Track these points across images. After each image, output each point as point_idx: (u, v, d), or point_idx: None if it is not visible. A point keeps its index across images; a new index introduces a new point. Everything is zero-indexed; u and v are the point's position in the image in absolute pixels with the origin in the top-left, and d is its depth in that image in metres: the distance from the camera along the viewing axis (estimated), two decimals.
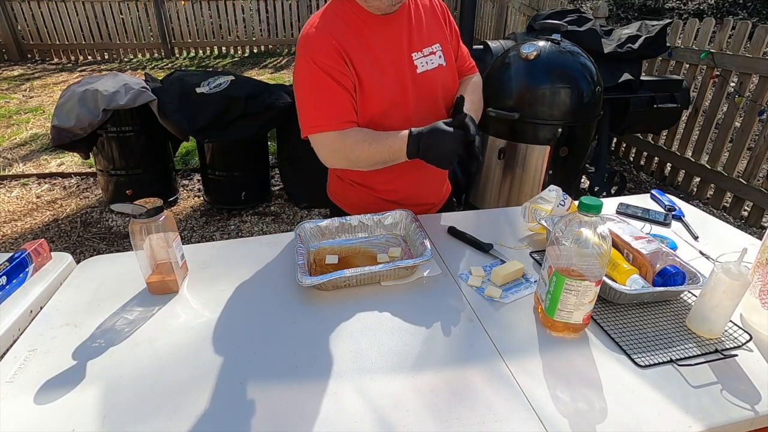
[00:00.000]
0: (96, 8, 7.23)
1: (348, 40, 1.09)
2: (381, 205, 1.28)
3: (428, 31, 1.19)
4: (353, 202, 1.33)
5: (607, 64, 2.84)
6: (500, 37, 4.45)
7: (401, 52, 1.15)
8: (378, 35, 1.12)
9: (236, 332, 0.88)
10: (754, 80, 2.95)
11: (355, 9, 1.11)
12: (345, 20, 1.11)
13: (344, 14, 1.11)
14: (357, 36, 1.10)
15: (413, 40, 1.16)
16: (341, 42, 1.08)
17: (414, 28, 1.17)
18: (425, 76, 1.18)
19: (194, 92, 2.76)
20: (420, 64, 1.17)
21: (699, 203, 3.31)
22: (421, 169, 1.26)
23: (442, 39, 1.21)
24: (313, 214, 3.19)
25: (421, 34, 1.18)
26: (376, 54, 1.12)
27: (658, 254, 0.99)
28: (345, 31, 1.10)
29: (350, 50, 1.09)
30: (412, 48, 1.16)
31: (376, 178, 1.25)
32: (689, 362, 0.81)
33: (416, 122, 1.16)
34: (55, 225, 3.06)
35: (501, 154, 2.42)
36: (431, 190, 1.38)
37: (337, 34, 1.09)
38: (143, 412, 0.72)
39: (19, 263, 0.98)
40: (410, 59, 1.16)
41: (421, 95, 1.18)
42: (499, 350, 0.84)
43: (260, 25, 7.89)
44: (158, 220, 0.92)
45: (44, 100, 5.60)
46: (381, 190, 1.29)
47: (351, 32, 1.10)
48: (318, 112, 1.10)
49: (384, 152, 1.11)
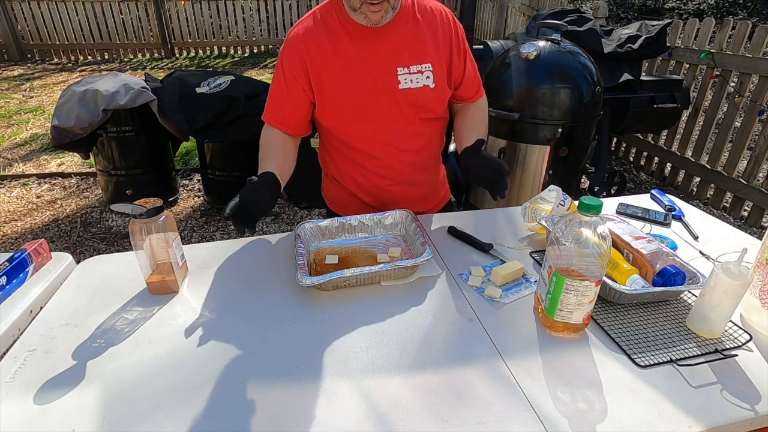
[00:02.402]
0: (96, 8, 7.23)
1: (322, 48, 1.13)
2: (366, 209, 1.28)
3: (422, 50, 1.17)
4: (344, 204, 1.37)
5: (607, 64, 2.84)
6: (500, 37, 4.45)
7: (383, 64, 1.15)
8: (359, 46, 1.14)
9: (236, 332, 0.88)
10: (754, 80, 2.95)
11: (343, 18, 1.13)
12: (328, 27, 1.14)
13: (329, 20, 1.14)
14: (336, 44, 1.13)
15: (403, 55, 1.15)
16: (311, 52, 1.13)
17: (407, 44, 1.16)
18: (406, 93, 1.17)
19: (194, 92, 2.76)
20: (403, 80, 1.16)
21: (699, 203, 3.31)
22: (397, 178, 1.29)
23: (436, 61, 1.17)
24: (313, 214, 3.18)
25: (413, 50, 1.16)
26: (353, 63, 1.14)
27: (658, 254, 0.99)
28: (323, 39, 1.13)
29: (319, 58, 1.14)
30: (400, 62, 1.15)
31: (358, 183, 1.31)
32: (689, 362, 0.81)
33: (384, 137, 1.21)
34: (55, 225, 3.06)
35: (501, 154, 2.42)
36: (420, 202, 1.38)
37: (311, 43, 1.14)
38: (143, 412, 0.72)
39: (19, 263, 0.98)
40: (394, 73, 1.15)
41: (396, 111, 1.19)
42: (499, 350, 0.84)
43: (260, 25, 7.89)
44: (158, 220, 0.92)
45: (44, 100, 5.60)
46: (364, 200, 1.34)
47: (330, 40, 1.13)
48: (268, 103, 1.23)
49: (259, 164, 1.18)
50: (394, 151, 1.24)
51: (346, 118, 1.20)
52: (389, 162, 1.26)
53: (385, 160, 1.25)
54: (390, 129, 1.21)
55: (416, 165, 1.30)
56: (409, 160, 1.28)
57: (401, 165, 1.27)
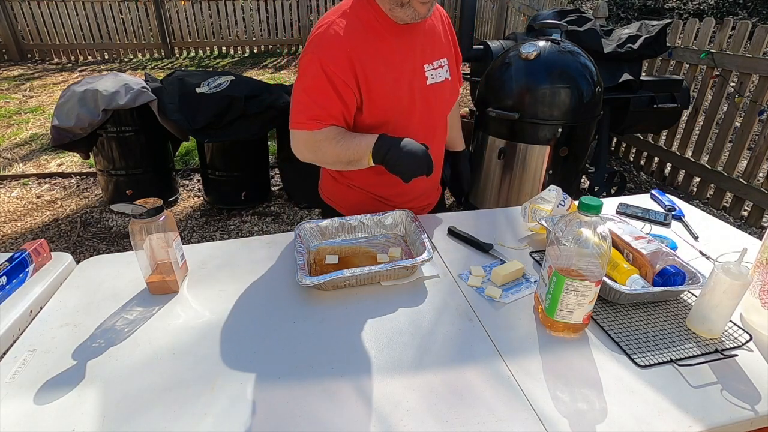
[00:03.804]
0: (96, 8, 7.23)
1: (365, 48, 1.08)
2: (377, 206, 1.29)
3: (438, 45, 1.20)
4: (350, 203, 1.33)
5: (607, 64, 2.84)
6: (500, 37, 4.45)
7: (415, 62, 1.15)
8: (396, 44, 1.12)
9: (236, 332, 0.88)
10: (754, 80, 2.95)
11: (379, 15, 1.09)
12: (366, 25, 1.09)
13: (366, 18, 1.09)
14: (377, 43, 1.09)
15: (426, 52, 1.17)
16: (357, 51, 1.06)
17: (428, 40, 1.17)
18: (433, 88, 1.19)
19: (194, 92, 2.76)
20: (430, 76, 1.18)
21: (699, 203, 3.31)
22: None
23: (448, 53, 1.23)
24: (313, 214, 3.18)
25: (433, 46, 1.19)
26: (393, 62, 1.11)
27: (658, 254, 0.99)
28: (364, 38, 1.08)
29: (366, 59, 1.07)
30: (425, 59, 1.16)
31: (372, 180, 1.26)
32: (689, 362, 0.81)
33: (416, 132, 1.18)
34: (55, 225, 3.06)
35: (501, 154, 2.42)
36: (428, 194, 1.40)
37: (355, 41, 1.07)
38: (143, 412, 0.72)
39: (19, 263, 0.98)
40: (422, 70, 1.16)
41: (426, 107, 1.19)
42: (499, 350, 0.84)
43: (260, 25, 7.89)
44: (158, 220, 0.92)
45: (44, 100, 5.60)
46: (378, 193, 1.30)
47: (371, 39, 1.09)
48: (310, 112, 1.09)
49: (349, 152, 1.10)
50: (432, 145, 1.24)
51: (390, 118, 1.15)
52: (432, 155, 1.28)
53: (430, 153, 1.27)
54: (420, 128, 1.20)
55: (440, 158, 1.37)
56: (439, 154, 1.33)
57: (437, 159, 1.32)
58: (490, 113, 2.34)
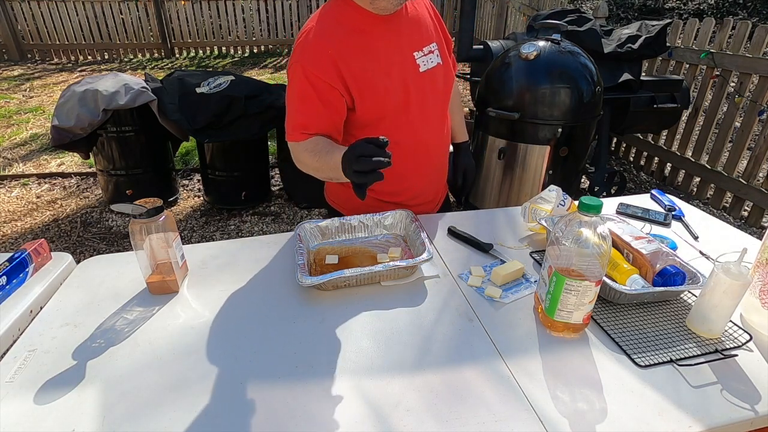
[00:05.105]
0: (96, 8, 7.23)
1: (348, 47, 1.07)
2: (383, 207, 1.28)
3: (426, 31, 1.19)
4: (356, 206, 1.33)
5: (607, 64, 2.84)
6: (500, 37, 4.45)
7: (403, 52, 1.14)
8: (381, 37, 1.10)
9: (236, 332, 0.88)
10: (754, 80, 2.95)
11: (358, 11, 1.08)
12: (345, 24, 1.08)
13: (343, 18, 1.08)
14: (360, 40, 1.08)
15: (414, 40, 1.16)
16: (340, 51, 1.06)
17: (414, 28, 1.16)
18: (427, 74, 1.17)
19: (194, 92, 2.76)
20: (422, 63, 1.16)
21: (699, 203, 3.31)
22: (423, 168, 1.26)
23: (437, 39, 1.21)
24: (313, 214, 3.19)
25: (420, 33, 1.17)
26: (380, 56, 1.10)
27: (658, 254, 0.99)
28: (346, 37, 1.07)
29: (350, 58, 1.07)
30: (414, 47, 1.15)
31: None
32: (689, 362, 0.81)
33: (414, 125, 1.17)
34: (55, 225, 3.06)
35: (501, 154, 2.42)
36: (435, 188, 1.38)
37: (336, 42, 1.06)
38: (143, 412, 0.72)
39: (19, 263, 0.98)
40: (412, 59, 1.15)
41: (421, 96, 1.17)
42: (499, 350, 0.84)
43: (260, 25, 7.89)
44: (158, 220, 0.92)
45: (44, 100, 5.60)
46: (385, 193, 1.28)
47: (354, 37, 1.08)
48: (294, 122, 1.10)
49: (326, 168, 1.05)
50: (433, 135, 1.25)
51: (386, 113, 1.14)
52: (433, 145, 1.27)
53: (430, 144, 1.26)
54: (420, 119, 1.19)
55: (444, 152, 1.35)
56: (442, 148, 1.32)
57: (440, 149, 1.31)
58: (490, 113, 2.34)
